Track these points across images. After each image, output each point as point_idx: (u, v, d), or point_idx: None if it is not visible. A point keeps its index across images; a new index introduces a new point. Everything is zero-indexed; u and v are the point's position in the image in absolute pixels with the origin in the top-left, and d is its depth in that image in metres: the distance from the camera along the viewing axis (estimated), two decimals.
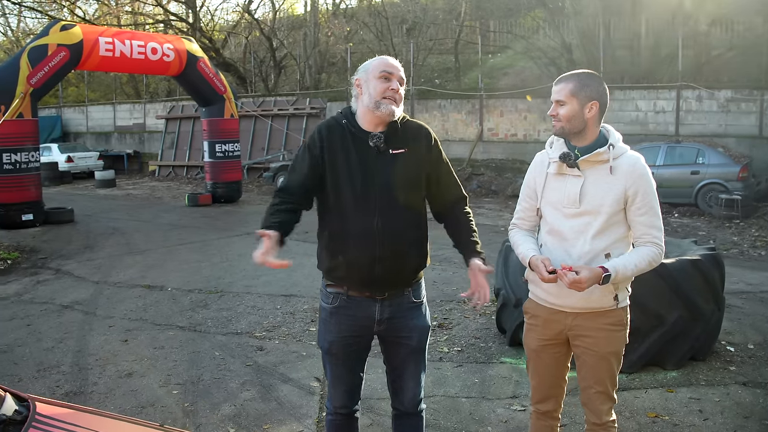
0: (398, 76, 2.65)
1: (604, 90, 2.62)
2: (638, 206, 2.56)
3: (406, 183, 2.64)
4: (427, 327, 2.81)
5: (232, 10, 35.40)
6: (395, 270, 2.63)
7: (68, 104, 30.13)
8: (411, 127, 2.72)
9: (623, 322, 2.68)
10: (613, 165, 2.56)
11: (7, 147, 12.06)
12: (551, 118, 2.66)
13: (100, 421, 2.01)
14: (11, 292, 7.56)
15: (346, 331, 2.73)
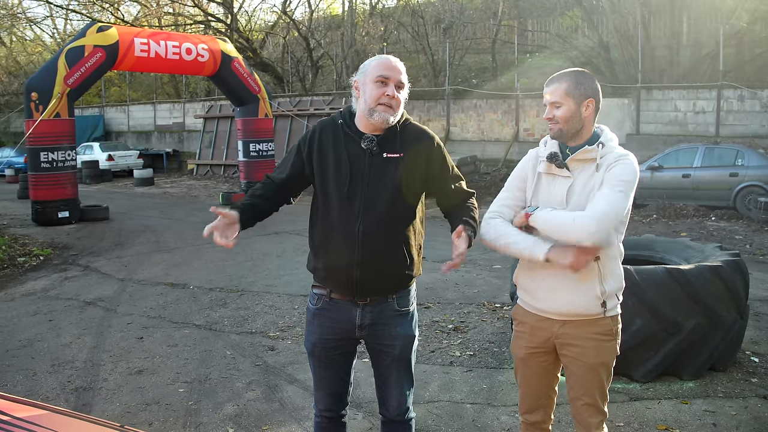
0: (396, 80, 2.54)
1: (597, 87, 2.53)
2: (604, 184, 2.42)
3: (397, 188, 2.55)
4: (411, 336, 2.70)
5: (270, 11, 35.60)
6: (374, 276, 2.56)
7: (110, 104, 30.77)
8: (411, 131, 2.64)
9: (612, 331, 2.57)
10: (600, 162, 2.46)
11: (45, 146, 12.34)
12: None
13: (61, 421, 2.00)
14: (39, 287, 7.72)
15: (328, 334, 2.69)
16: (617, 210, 2.36)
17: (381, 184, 2.54)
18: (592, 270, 2.47)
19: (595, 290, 2.47)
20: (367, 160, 2.56)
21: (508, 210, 2.62)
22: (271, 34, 29.12)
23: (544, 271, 2.54)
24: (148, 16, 26.98)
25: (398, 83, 2.55)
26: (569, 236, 2.39)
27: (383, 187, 2.54)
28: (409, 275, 2.65)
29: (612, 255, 2.52)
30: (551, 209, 2.47)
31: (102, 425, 2.03)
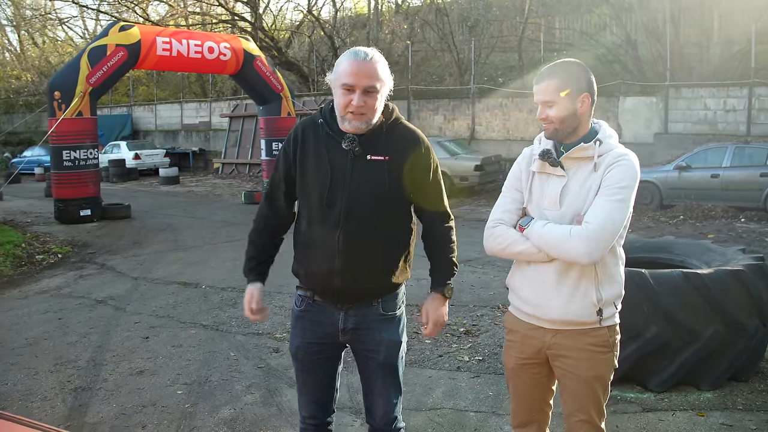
0: (363, 87, 2.31)
1: (591, 79, 2.33)
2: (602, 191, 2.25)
3: (382, 194, 2.39)
4: (396, 342, 2.54)
5: (294, 8, 35.68)
6: (355, 284, 2.42)
7: (138, 103, 31.02)
8: (400, 132, 2.46)
9: (609, 343, 2.37)
10: (598, 162, 2.27)
11: (67, 144, 12.42)
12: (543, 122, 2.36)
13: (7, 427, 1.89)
14: (53, 285, 7.72)
15: (310, 337, 2.56)
16: (615, 222, 2.20)
17: (364, 189, 2.38)
18: (589, 274, 2.29)
19: (590, 297, 2.29)
20: (349, 163, 2.40)
21: (509, 215, 2.45)
22: (297, 34, 29.12)
23: (535, 272, 2.37)
24: (173, 16, 27.15)
25: (367, 89, 2.32)
26: (564, 254, 2.24)
27: (366, 191, 2.38)
28: (395, 283, 2.50)
29: (611, 260, 2.34)
30: (546, 222, 2.31)
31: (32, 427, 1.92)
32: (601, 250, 2.18)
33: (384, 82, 2.37)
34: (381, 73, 2.35)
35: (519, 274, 2.46)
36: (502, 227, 2.42)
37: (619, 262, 2.38)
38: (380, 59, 2.38)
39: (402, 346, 2.57)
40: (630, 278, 4.18)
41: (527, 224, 2.34)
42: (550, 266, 2.31)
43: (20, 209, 14.95)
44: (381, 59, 2.39)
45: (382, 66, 2.37)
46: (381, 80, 2.35)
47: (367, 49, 2.41)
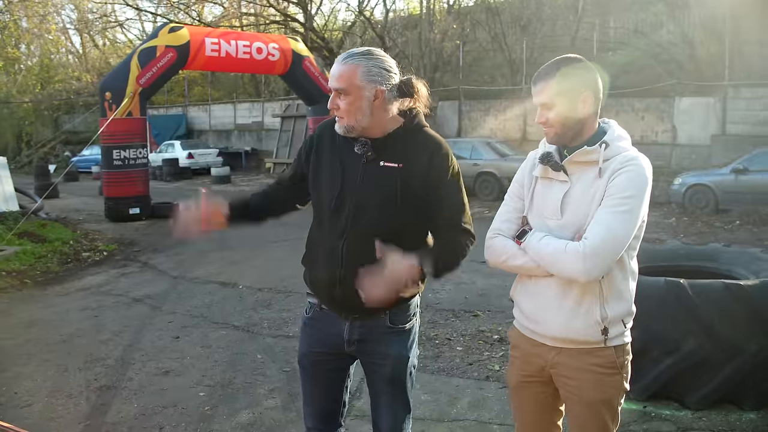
0: (335, 89, 2.23)
1: (593, 75, 2.12)
2: (605, 201, 2.04)
3: (392, 202, 2.25)
4: (404, 357, 2.40)
5: (346, 9, 35.79)
6: (358, 296, 2.26)
7: (193, 103, 31.60)
8: (419, 139, 2.32)
9: (617, 364, 2.14)
10: (603, 167, 2.07)
11: (117, 144, 12.69)
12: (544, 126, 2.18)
13: None
14: (95, 283, 7.85)
15: (316, 345, 2.46)
16: (618, 237, 1.99)
17: (373, 196, 2.25)
18: (593, 290, 2.09)
19: (594, 314, 2.09)
20: (361, 168, 2.29)
21: (509, 225, 2.27)
22: (349, 34, 29.20)
23: (536, 286, 2.19)
24: (226, 17, 27.56)
25: (336, 91, 2.23)
26: (560, 271, 2.06)
27: (375, 199, 2.25)
28: (403, 297, 2.33)
29: (619, 274, 2.13)
30: (543, 235, 2.12)
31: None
32: (600, 267, 1.99)
33: (358, 86, 2.21)
34: (352, 75, 2.21)
35: (521, 288, 2.29)
36: (500, 239, 2.25)
37: (629, 277, 2.17)
38: (363, 61, 2.22)
39: (410, 361, 2.43)
40: (668, 289, 4.00)
41: (524, 237, 2.17)
42: (552, 280, 2.13)
43: (74, 207, 15.37)
44: (365, 61, 2.23)
45: (359, 68, 2.22)
46: (351, 83, 2.21)
47: (360, 48, 2.29)
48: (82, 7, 33.92)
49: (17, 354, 5.25)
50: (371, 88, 2.23)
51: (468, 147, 16.12)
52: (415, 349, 2.46)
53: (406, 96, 2.33)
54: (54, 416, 4.06)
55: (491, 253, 2.26)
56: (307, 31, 24.75)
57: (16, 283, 7.75)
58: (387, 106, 2.30)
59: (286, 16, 26.21)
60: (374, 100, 2.25)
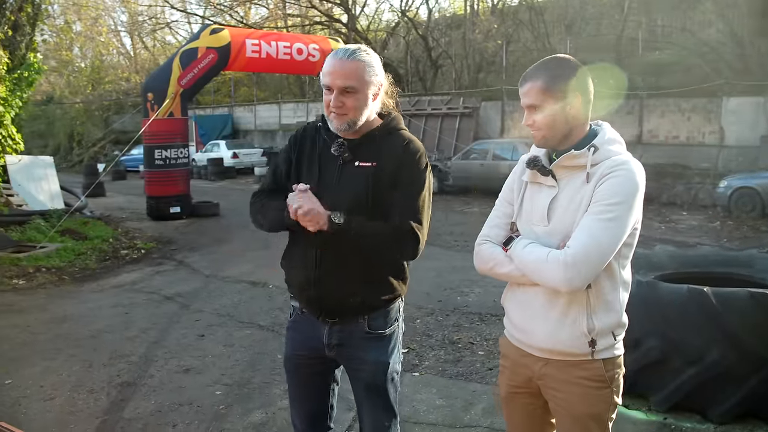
0: (339, 87, 2.19)
1: (582, 76, 2.04)
2: (591, 207, 1.97)
3: (361, 200, 2.23)
4: (383, 363, 2.37)
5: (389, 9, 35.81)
6: (333, 298, 2.28)
7: (239, 103, 32.03)
8: (394, 140, 2.31)
9: (605, 378, 2.05)
10: (591, 172, 1.99)
11: (158, 144, 12.93)
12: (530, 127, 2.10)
13: None
14: (129, 280, 8.01)
15: (298, 349, 2.46)
16: (602, 246, 1.91)
17: (346, 196, 2.23)
18: (580, 300, 2.01)
19: (581, 326, 2.01)
20: (337, 169, 2.29)
21: (497, 230, 2.22)
22: (393, 35, 29.23)
23: (524, 295, 2.13)
24: (269, 19, 27.88)
25: (343, 89, 2.19)
26: (542, 280, 2.00)
27: (348, 199, 2.23)
28: (382, 300, 2.34)
29: (609, 285, 2.04)
30: (527, 242, 2.06)
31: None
32: (583, 277, 1.92)
33: (366, 82, 2.22)
34: (360, 73, 2.21)
35: (510, 295, 2.22)
36: (488, 246, 2.19)
37: (619, 288, 2.07)
38: (364, 58, 2.23)
39: (391, 367, 2.39)
40: (690, 296, 3.88)
41: (510, 244, 2.12)
42: (539, 289, 2.06)
43: (119, 205, 15.74)
44: (366, 58, 2.24)
45: (363, 65, 2.22)
46: (360, 80, 2.20)
47: (355, 46, 2.28)
48: (132, 9, 34.76)
49: (47, 349, 5.39)
50: (376, 84, 2.26)
51: (509, 147, 15.97)
52: (396, 354, 2.43)
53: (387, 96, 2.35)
54: (74, 410, 4.15)
55: (479, 259, 2.21)
56: (350, 32, 24.85)
57: (55, 279, 7.97)
58: (378, 104, 2.32)
59: (329, 17, 26.35)
60: (375, 96, 2.27)
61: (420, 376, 4.72)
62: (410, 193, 2.26)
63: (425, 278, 7.55)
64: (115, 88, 36.55)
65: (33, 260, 8.61)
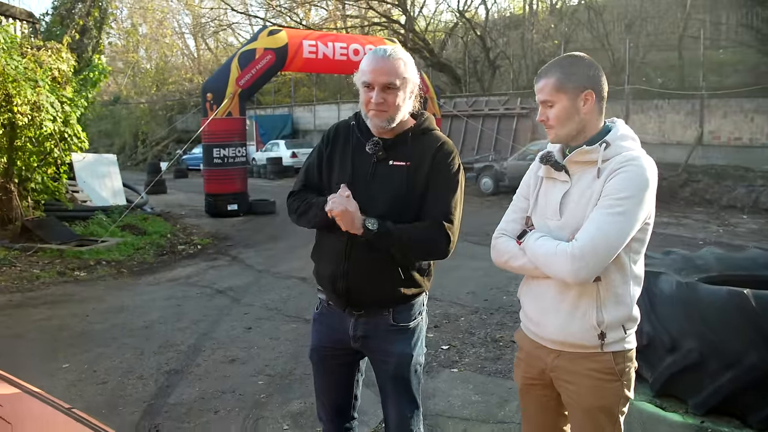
0: (382, 84, 2.28)
1: (596, 74, 2.10)
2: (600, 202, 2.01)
3: (398, 200, 2.33)
4: (407, 355, 2.45)
5: (447, 10, 35.74)
6: (361, 290, 2.37)
7: (298, 104, 32.50)
8: (427, 140, 2.40)
9: (615, 371, 2.10)
10: (602, 167, 2.04)
11: (217, 143, 13.29)
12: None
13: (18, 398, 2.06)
14: (184, 274, 8.29)
15: (325, 341, 2.56)
16: (610, 239, 1.96)
17: (380, 194, 2.33)
18: (590, 293, 2.07)
19: (590, 318, 2.06)
20: (371, 167, 2.38)
21: (513, 225, 2.29)
22: (451, 35, 29.21)
23: (538, 288, 2.19)
24: (329, 20, 28.21)
25: (385, 85, 2.28)
26: (551, 272, 2.06)
27: (382, 197, 2.32)
28: (405, 294, 2.41)
29: (619, 278, 2.08)
30: (540, 235, 2.13)
31: (52, 406, 2.06)
32: (590, 269, 1.97)
33: (406, 79, 2.32)
34: (401, 70, 2.30)
35: (526, 289, 2.29)
36: (504, 239, 2.26)
37: (630, 281, 2.11)
38: (402, 56, 2.34)
39: (414, 359, 2.47)
40: (729, 298, 3.82)
41: (523, 237, 2.18)
42: (551, 282, 2.12)
43: (179, 202, 16.23)
44: (404, 57, 2.35)
45: (403, 63, 2.32)
46: (401, 77, 2.30)
47: (391, 46, 2.40)
48: (195, 12, 35.70)
49: (103, 337, 5.65)
50: (413, 83, 2.35)
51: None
52: (420, 347, 2.50)
53: (416, 98, 2.42)
54: (123, 394, 4.37)
55: (495, 253, 2.28)
56: (408, 33, 24.95)
57: (114, 272, 8.31)
58: (413, 103, 2.40)
59: (387, 18, 26.52)
60: (411, 95, 2.37)
61: (459, 373, 4.77)
62: (443, 194, 2.35)
63: (472, 277, 7.58)
64: (178, 88, 37.60)
65: (94, 253, 9.01)
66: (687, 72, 18.99)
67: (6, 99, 8.84)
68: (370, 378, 2.64)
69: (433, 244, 2.32)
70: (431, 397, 4.27)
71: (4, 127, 9.26)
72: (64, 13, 14.45)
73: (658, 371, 4.19)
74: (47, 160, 10.39)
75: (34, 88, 9.03)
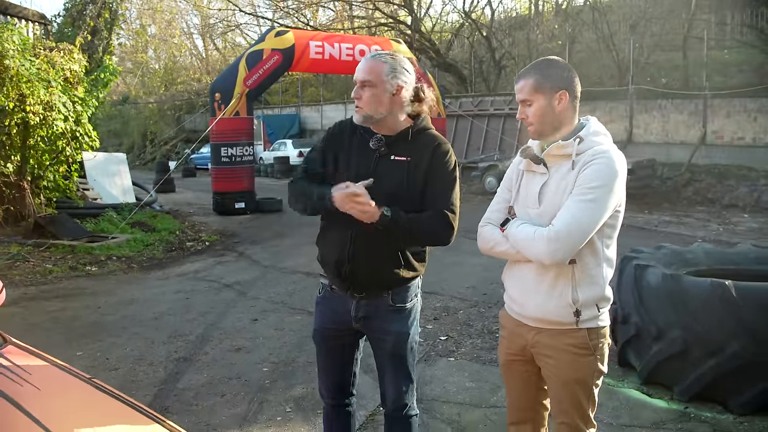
0: (359, 80, 2.53)
1: (569, 75, 2.31)
2: (574, 191, 2.22)
3: (397, 191, 2.53)
4: (404, 333, 2.67)
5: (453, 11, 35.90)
6: (363, 275, 2.58)
7: (306, 104, 32.74)
8: (425, 137, 2.61)
9: (589, 345, 2.31)
10: (576, 160, 2.25)
11: (225, 142, 13.52)
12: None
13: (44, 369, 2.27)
14: (192, 269, 8.52)
15: (328, 323, 2.77)
16: (582, 224, 2.17)
17: (382, 186, 2.51)
18: (566, 274, 2.28)
19: (566, 297, 2.28)
20: (374, 161, 2.58)
21: (498, 214, 2.50)
22: (457, 36, 29.38)
23: (520, 271, 2.41)
24: (336, 21, 28.44)
25: (362, 82, 2.52)
26: (529, 254, 2.27)
27: (384, 189, 2.51)
28: (404, 277, 2.62)
29: (592, 261, 2.29)
30: (520, 222, 2.34)
31: (73, 375, 2.28)
32: (564, 251, 2.18)
33: (384, 81, 2.51)
34: (379, 70, 2.51)
35: (509, 272, 2.50)
36: (489, 227, 2.47)
37: (602, 264, 2.32)
38: (387, 60, 2.54)
39: (411, 337, 2.68)
40: (712, 290, 4.00)
41: (506, 225, 2.38)
42: (531, 265, 2.33)
43: (187, 201, 16.48)
44: (389, 60, 2.54)
45: (387, 66, 2.52)
46: (378, 77, 2.50)
47: (385, 51, 2.63)
48: (204, 12, 36.02)
49: (114, 327, 5.88)
50: (393, 84, 2.53)
51: None
52: (415, 327, 2.72)
53: (417, 100, 2.61)
54: (135, 380, 4.59)
55: (481, 240, 2.49)
56: (414, 34, 25.14)
57: (124, 267, 8.55)
58: (402, 105, 2.59)
59: (393, 19, 26.72)
60: (393, 95, 2.55)
61: (455, 361, 4.97)
62: (444, 188, 2.56)
63: (473, 272, 7.77)
64: (186, 88, 37.95)
65: (105, 249, 9.25)
66: (691, 72, 19.09)
67: (20, 99, 9.09)
68: (369, 364, 2.85)
69: (438, 231, 2.53)
70: (428, 384, 4.48)
71: (17, 127, 9.51)
72: (75, 14, 14.74)
73: (645, 359, 4.37)
74: (59, 158, 10.66)
75: (47, 89, 9.29)
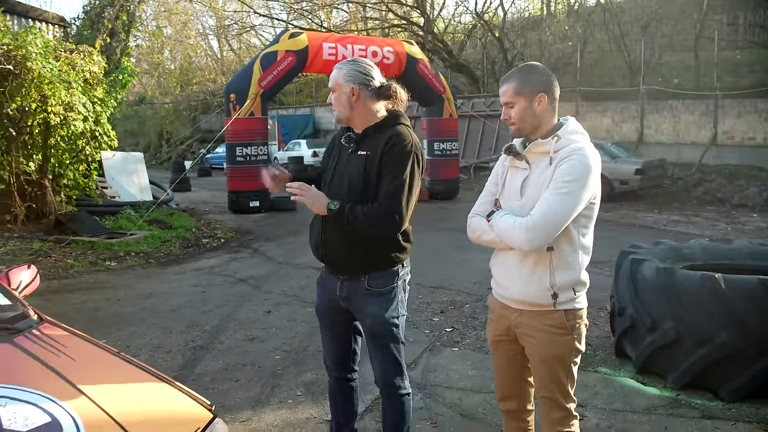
0: (330, 88, 2.88)
1: (548, 79, 2.53)
2: (551, 184, 2.43)
3: (354, 183, 2.78)
4: (379, 316, 2.86)
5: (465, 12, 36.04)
6: (336, 258, 2.90)
7: (320, 104, 33.01)
8: (386, 133, 2.80)
9: (566, 326, 2.53)
10: (554, 156, 2.47)
11: (240, 141, 13.81)
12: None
13: (75, 341, 2.52)
14: (208, 265, 8.79)
15: (324, 301, 3.08)
16: (557, 214, 2.38)
17: (346, 178, 2.81)
18: (544, 260, 2.50)
19: (544, 281, 2.49)
20: (346, 157, 2.88)
21: (485, 207, 2.71)
22: (470, 37, 29.55)
23: (504, 258, 2.62)
24: (349, 22, 28.68)
25: (331, 89, 2.88)
26: (510, 242, 2.49)
27: (347, 180, 2.81)
28: (377, 264, 2.85)
29: (568, 248, 2.51)
30: (503, 213, 2.56)
31: (103, 349, 2.53)
32: (541, 238, 2.39)
33: (339, 84, 2.83)
34: (336, 77, 2.86)
35: (495, 259, 2.73)
36: (476, 218, 2.70)
37: (578, 251, 2.52)
38: (341, 67, 2.87)
39: (387, 320, 2.87)
40: (702, 282, 4.19)
41: (491, 216, 2.61)
42: (514, 252, 2.56)
43: (203, 199, 16.80)
44: (343, 67, 2.86)
45: (339, 72, 2.85)
46: (336, 83, 2.85)
47: (351, 58, 2.97)
48: (219, 14, 36.41)
49: (134, 318, 6.16)
50: (347, 87, 2.82)
51: None
52: (393, 310, 2.89)
53: (383, 97, 2.86)
54: (154, 366, 4.71)
55: (469, 230, 2.73)
56: (427, 35, 25.34)
57: (142, 263, 8.84)
58: (366, 103, 2.85)
59: (406, 20, 26.94)
60: (351, 96, 2.83)
61: (459, 351, 5.19)
62: (389, 181, 2.74)
63: (480, 269, 7.95)
64: (202, 88, 38.39)
65: (123, 245, 9.55)
66: (702, 73, 19.17)
67: (41, 100, 9.41)
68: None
69: (379, 224, 2.74)
70: (432, 371, 4.70)
71: (39, 127, 9.84)
72: (94, 17, 15.09)
73: (640, 349, 4.57)
74: (79, 157, 10.99)
75: (68, 90, 9.60)
